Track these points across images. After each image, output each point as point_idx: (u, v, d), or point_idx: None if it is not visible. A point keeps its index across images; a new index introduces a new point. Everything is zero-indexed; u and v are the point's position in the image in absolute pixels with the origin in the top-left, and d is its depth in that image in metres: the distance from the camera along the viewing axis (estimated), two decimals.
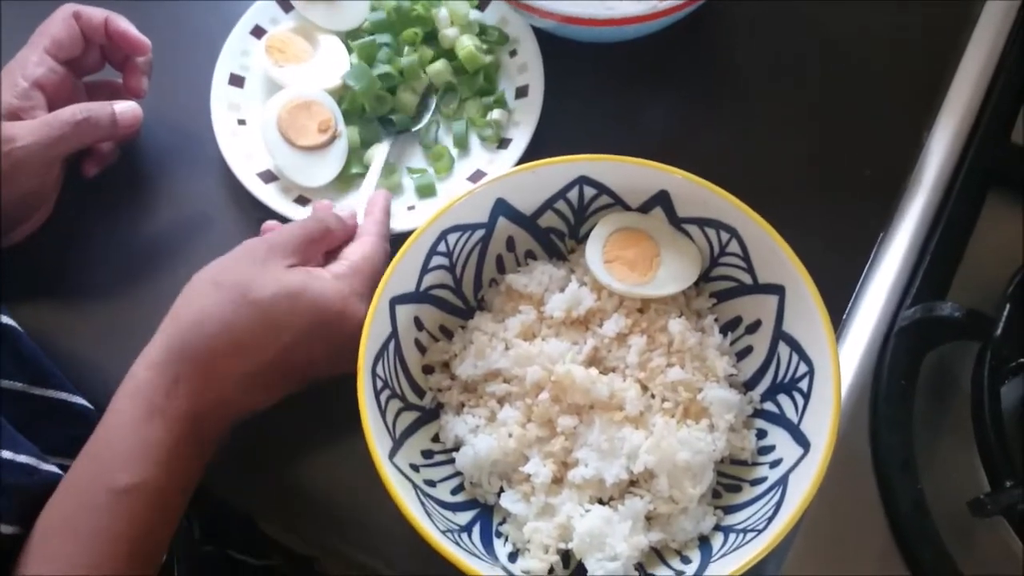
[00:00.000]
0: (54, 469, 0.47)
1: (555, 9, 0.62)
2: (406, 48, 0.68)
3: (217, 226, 0.65)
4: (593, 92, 0.69)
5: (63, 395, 0.52)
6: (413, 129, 0.67)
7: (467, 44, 0.67)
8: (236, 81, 0.68)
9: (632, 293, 0.56)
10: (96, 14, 0.63)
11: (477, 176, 0.65)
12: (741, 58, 0.70)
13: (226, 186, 0.65)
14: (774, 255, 0.53)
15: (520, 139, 0.65)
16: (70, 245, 0.65)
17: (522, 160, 0.64)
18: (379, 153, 0.65)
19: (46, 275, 0.63)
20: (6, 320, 0.50)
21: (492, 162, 0.65)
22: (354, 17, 0.69)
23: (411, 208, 0.64)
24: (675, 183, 0.56)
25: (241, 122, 0.67)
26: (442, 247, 0.56)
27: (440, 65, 0.67)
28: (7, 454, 0.44)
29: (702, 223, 0.56)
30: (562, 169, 0.57)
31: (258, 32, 0.69)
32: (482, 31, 0.68)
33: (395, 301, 0.54)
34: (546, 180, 0.57)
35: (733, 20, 0.71)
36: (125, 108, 0.62)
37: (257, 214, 0.64)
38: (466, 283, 0.59)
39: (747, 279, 0.56)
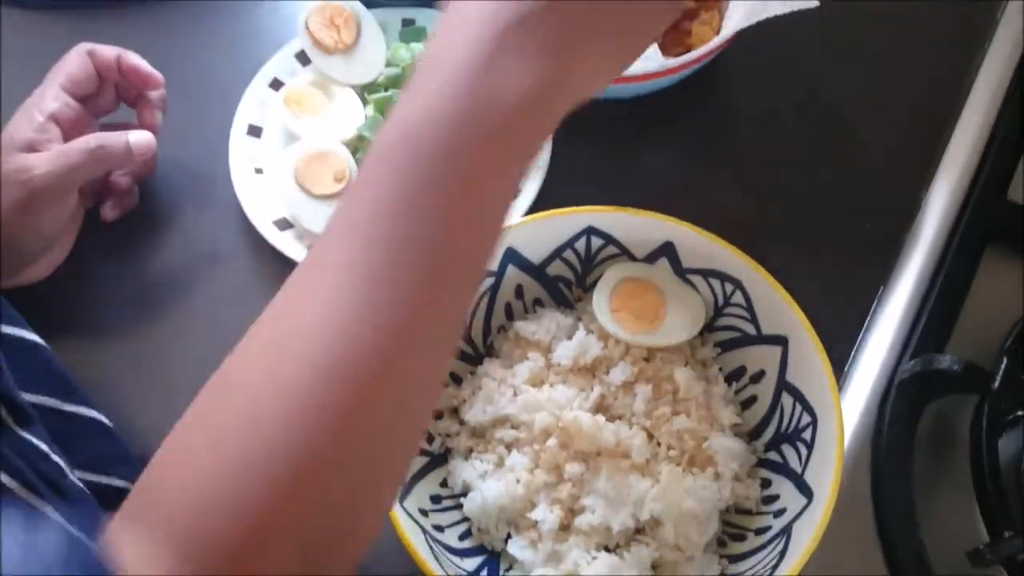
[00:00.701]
0: (80, 485, 0.47)
1: None
2: None
3: (231, 268, 0.67)
4: (601, 145, 0.70)
5: (92, 412, 0.53)
6: None
7: None
8: (254, 131, 0.70)
9: (638, 342, 0.57)
10: (109, 51, 0.66)
11: None
12: (746, 114, 0.72)
13: (241, 231, 0.67)
14: (777, 307, 0.55)
15: (528, 190, 0.67)
16: (89, 282, 0.66)
17: (531, 211, 0.65)
18: None
19: (67, 310, 0.65)
20: (36, 339, 0.51)
21: None
22: (369, 72, 0.71)
23: None
24: (680, 234, 0.57)
25: (258, 171, 0.68)
26: None
27: None
28: (43, 446, 0.44)
29: (707, 274, 0.58)
30: (570, 220, 0.58)
31: (276, 84, 0.71)
32: None
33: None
34: (554, 230, 0.59)
35: (738, 76, 0.73)
36: (139, 137, 0.64)
37: (271, 259, 0.65)
38: (475, 329, 0.60)
39: (751, 330, 0.57)
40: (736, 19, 0.65)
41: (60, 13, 0.79)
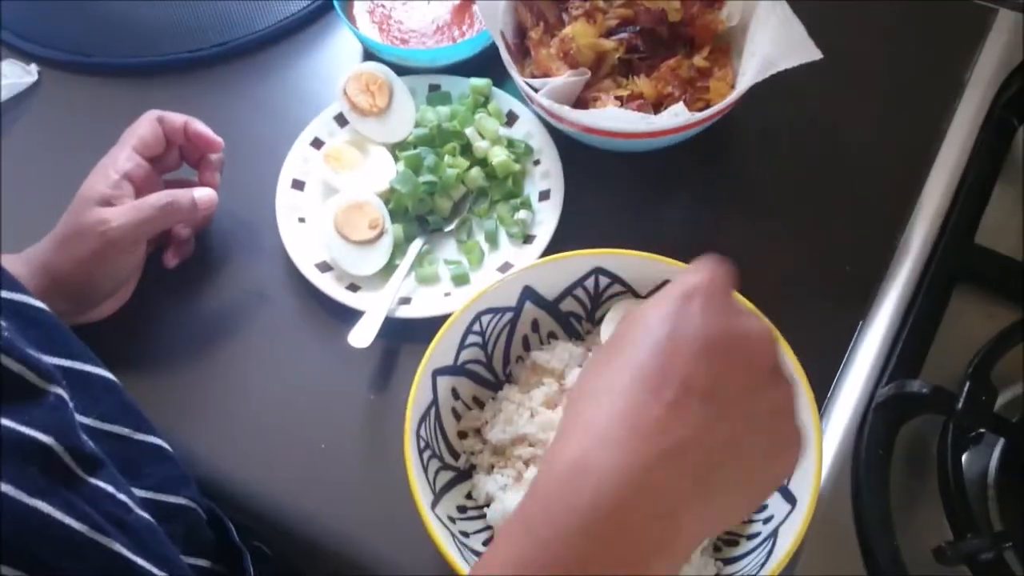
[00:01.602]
0: (145, 515, 0.53)
1: (582, 120, 0.71)
2: (446, 158, 0.78)
3: (277, 307, 0.74)
4: (608, 194, 0.78)
5: (157, 440, 0.60)
6: (446, 229, 0.76)
7: (500, 154, 0.77)
8: (297, 185, 0.78)
9: None
10: (177, 118, 0.74)
11: (505, 267, 0.74)
12: (743, 174, 0.79)
13: (286, 273, 0.75)
14: None
15: (543, 235, 0.74)
16: (150, 320, 0.74)
17: (545, 254, 0.73)
18: (413, 247, 0.74)
19: (129, 345, 0.72)
20: (111, 376, 0.58)
21: (518, 255, 0.74)
22: (401, 131, 0.80)
23: (447, 295, 0.73)
24: (677, 275, 0.64)
25: (301, 220, 0.76)
26: (476, 327, 0.65)
27: (475, 172, 0.77)
28: (110, 488, 0.51)
29: None
30: (580, 261, 0.66)
31: (317, 144, 0.80)
32: (510, 144, 0.79)
33: (436, 373, 0.62)
34: (566, 270, 0.66)
35: (738, 136, 0.80)
36: (204, 194, 0.72)
37: (313, 298, 0.73)
38: (496, 359, 0.67)
39: None
40: (749, 74, 0.71)
41: (124, 79, 0.88)
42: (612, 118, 0.70)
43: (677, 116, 0.69)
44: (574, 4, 0.78)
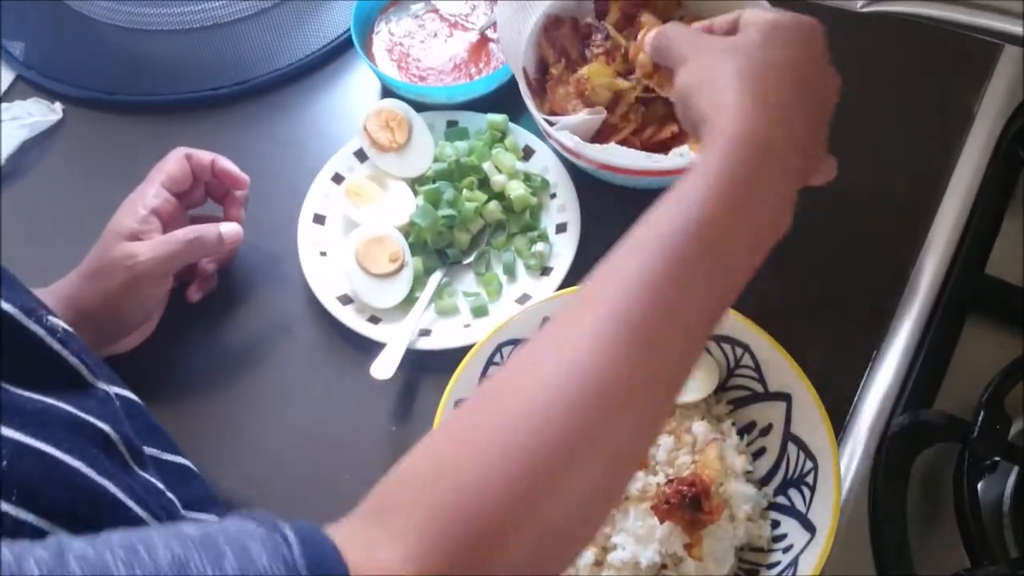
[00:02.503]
0: (193, 514, 0.55)
1: (596, 157, 0.73)
2: (464, 192, 0.79)
3: (299, 338, 0.76)
4: (624, 228, 0.78)
5: (185, 461, 0.61)
6: (465, 261, 0.78)
7: (517, 188, 0.79)
8: (319, 220, 0.80)
9: None
10: (205, 155, 0.76)
11: (523, 299, 0.75)
12: None
13: (308, 305, 0.76)
14: (781, 368, 0.63)
15: (560, 268, 0.76)
16: (171, 354, 0.75)
17: (562, 286, 0.74)
18: (433, 279, 0.76)
19: (150, 379, 0.73)
20: (135, 397, 0.59)
21: (536, 288, 0.76)
22: (420, 166, 0.81)
23: (467, 326, 0.74)
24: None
25: (323, 253, 0.78)
26: (497, 358, 0.66)
27: (493, 206, 0.79)
28: (160, 484, 0.52)
29: (719, 340, 0.66)
30: None
31: (337, 179, 0.81)
32: (527, 178, 0.80)
33: (459, 403, 0.63)
34: None
35: None
36: (229, 228, 0.74)
37: (334, 330, 0.74)
38: None
39: (759, 388, 0.65)
40: None
41: (147, 116, 0.90)
42: (619, 155, 0.71)
43: (682, 157, 0.70)
44: (595, 42, 0.80)
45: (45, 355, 0.49)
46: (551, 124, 0.75)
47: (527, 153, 0.82)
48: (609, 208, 0.79)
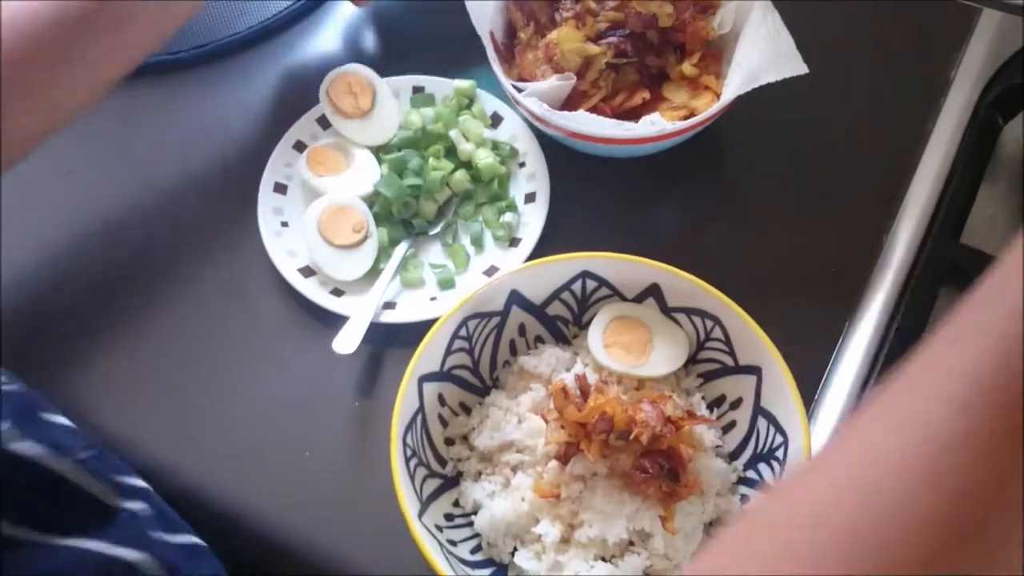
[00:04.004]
0: None
1: (565, 125, 0.71)
2: (430, 160, 0.77)
3: (260, 313, 0.73)
4: (594, 197, 0.78)
5: (193, 538, 0.58)
6: (431, 232, 0.76)
7: (485, 157, 0.77)
8: (280, 188, 0.77)
9: (629, 373, 0.64)
10: None
11: (491, 271, 0.73)
12: (729, 173, 0.80)
13: (269, 278, 0.74)
14: (752, 341, 0.61)
15: (529, 239, 0.74)
16: (124, 328, 0.73)
17: (531, 257, 0.72)
18: (398, 251, 0.74)
19: (103, 352, 0.72)
20: (144, 484, 0.57)
21: (504, 259, 0.74)
22: (385, 134, 0.79)
23: (433, 299, 0.72)
24: (665, 277, 0.64)
25: (284, 224, 0.76)
26: (463, 332, 0.64)
27: (460, 175, 0.77)
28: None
29: (689, 312, 0.65)
30: (567, 265, 0.65)
31: (300, 146, 0.79)
32: (495, 146, 0.78)
33: (423, 379, 0.61)
34: (553, 274, 0.65)
35: (726, 138, 0.80)
36: None
37: (297, 304, 0.72)
38: (483, 364, 0.66)
39: (729, 361, 0.64)
40: (733, 85, 0.71)
41: None
42: (589, 123, 0.69)
43: (653, 125, 0.68)
44: (565, 5, 0.77)
45: (69, 493, 0.49)
46: (519, 91, 0.73)
47: (496, 120, 0.80)
48: (580, 177, 0.78)
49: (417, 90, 0.82)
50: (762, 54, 0.71)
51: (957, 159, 0.76)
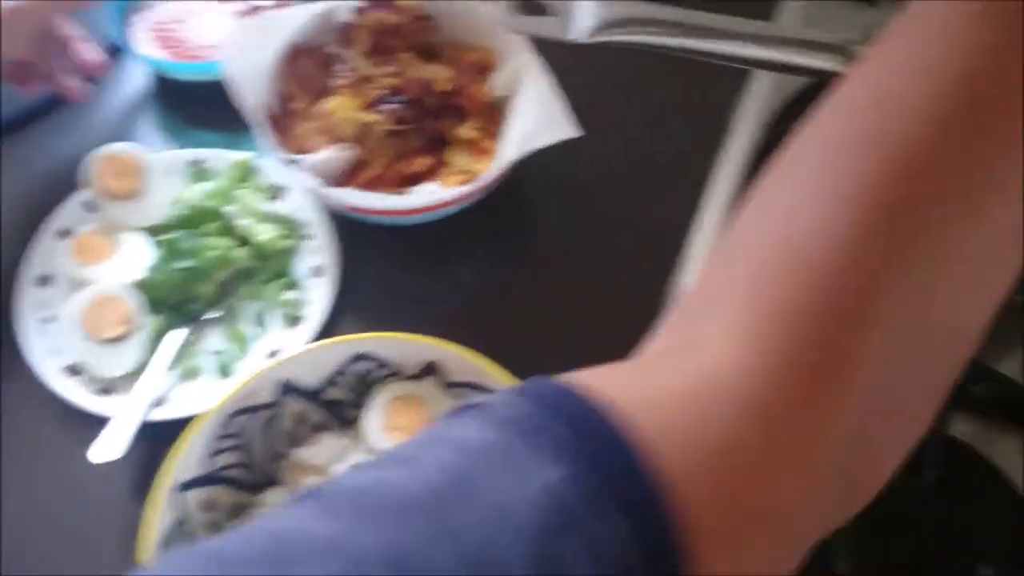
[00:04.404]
0: None
1: (337, 200, 0.69)
2: (206, 239, 0.73)
3: (16, 421, 0.67)
4: (385, 265, 0.75)
5: None
6: (210, 316, 0.72)
7: (265, 232, 0.73)
8: (45, 281, 0.72)
9: None
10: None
11: (274, 354, 0.70)
12: (522, 231, 0.78)
13: (29, 380, 0.68)
14: None
15: (315, 315, 0.71)
16: None
17: (319, 334, 0.69)
18: (174, 339, 0.69)
19: None
20: None
21: (289, 339, 0.70)
22: (157, 213, 0.74)
23: (209, 390, 0.68)
24: (442, 354, 0.62)
25: (48, 319, 0.70)
26: (231, 429, 0.60)
27: (239, 252, 0.73)
28: None
29: (470, 386, 0.63)
30: (339, 349, 0.62)
31: (64, 234, 0.74)
32: (277, 219, 0.75)
33: (185, 486, 0.57)
34: (325, 359, 0.63)
35: (517, 197, 0.78)
36: None
37: (59, 405, 0.67)
38: (259, 460, 0.63)
39: None
40: (509, 150, 0.70)
41: None
42: (362, 198, 0.67)
43: (429, 195, 0.67)
44: (340, 72, 0.75)
45: None
46: (295, 163, 0.70)
47: (278, 191, 0.77)
48: (370, 245, 0.75)
49: (193, 165, 0.78)
50: (535, 118, 0.70)
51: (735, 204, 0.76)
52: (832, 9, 0.82)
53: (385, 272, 0.75)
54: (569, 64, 0.73)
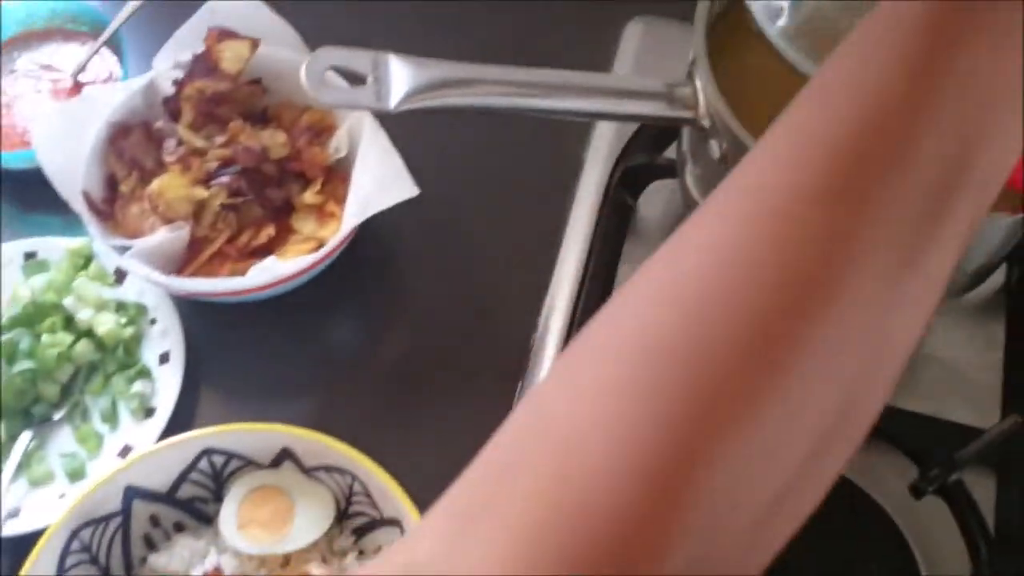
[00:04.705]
0: None
1: (172, 287, 0.66)
2: (44, 337, 0.70)
3: None
4: (237, 344, 0.73)
5: None
6: (57, 417, 0.69)
7: (106, 322, 0.70)
8: None
9: (269, 552, 0.59)
10: None
11: (126, 451, 0.67)
12: (379, 292, 0.76)
13: None
14: (388, 495, 0.59)
15: (165, 406, 0.68)
16: None
17: (169, 424, 0.67)
18: (17, 446, 0.66)
19: None
20: None
21: (141, 433, 0.68)
22: None
23: (62, 496, 0.65)
24: (294, 440, 0.61)
25: None
26: (76, 545, 0.58)
27: (81, 346, 0.70)
28: None
29: (328, 469, 0.61)
30: (183, 447, 0.60)
31: None
32: (119, 307, 0.72)
33: None
34: (172, 459, 0.60)
35: (375, 254, 0.77)
36: None
37: None
38: (114, 567, 0.60)
39: (376, 514, 0.61)
40: (351, 214, 0.68)
41: None
42: (194, 284, 0.65)
43: (266, 272, 0.65)
44: (168, 148, 0.72)
45: None
46: (126, 250, 0.67)
47: (120, 276, 0.74)
48: (217, 326, 0.73)
49: (29, 256, 0.74)
50: (374, 178, 0.69)
51: (593, 245, 0.76)
52: (665, 54, 0.81)
53: (237, 351, 0.72)
54: (410, 118, 0.72)
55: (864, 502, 0.65)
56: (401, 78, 0.59)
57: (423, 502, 0.58)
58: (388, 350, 0.73)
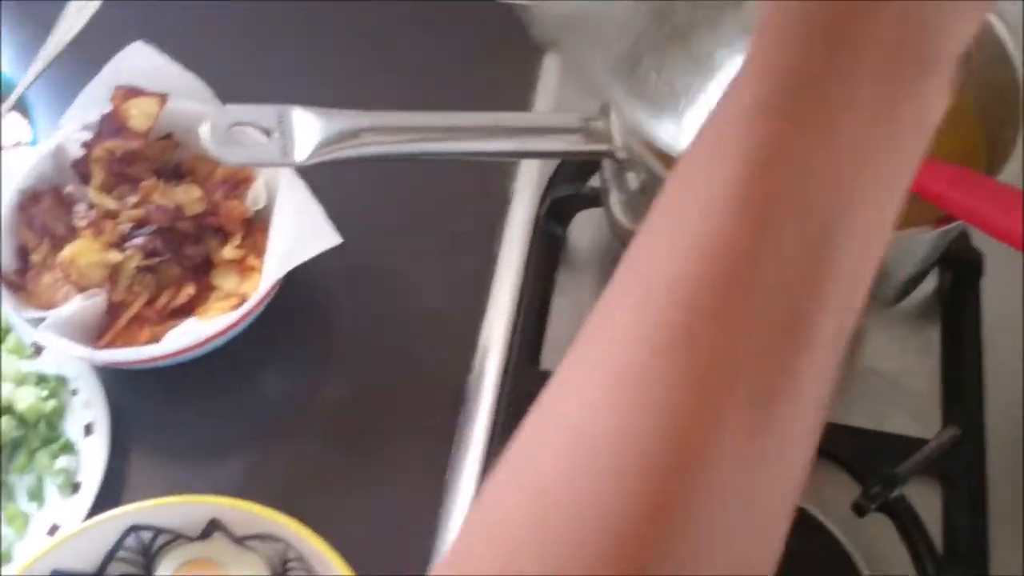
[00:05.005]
0: None
1: (89, 359, 0.64)
2: None
3: None
4: (166, 407, 0.71)
5: None
6: None
7: (27, 397, 0.68)
8: None
9: None
10: None
11: (54, 530, 0.65)
12: (296, 357, 0.75)
13: None
14: (320, 558, 0.57)
15: (92, 480, 0.66)
16: None
17: (96, 500, 0.65)
18: None
19: None
20: None
21: (68, 509, 0.65)
22: None
23: None
24: (222, 510, 0.59)
25: None
26: None
27: (3, 424, 0.67)
28: None
29: (260, 537, 0.59)
30: (110, 524, 0.58)
31: None
32: (39, 380, 0.69)
33: None
34: (98, 537, 0.59)
35: (308, 300, 0.75)
36: None
37: None
38: None
39: None
40: (271, 268, 0.67)
41: None
42: (111, 355, 0.63)
43: (186, 336, 0.63)
44: (79, 213, 0.70)
45: None
46: (40, 322, 0.65)
47: (38, 348, 0.71)
48: (141, 392, 0.71)
49: None
50: (294, 230, 0.67)
51: (527, 278, 0.75)
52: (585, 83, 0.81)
53: (165, 416, 0.70)
54: (329, 165, 0.70)
55: (809, 523, 0.64)
56: (308, 131, 0.58)
57: (358, 562, 0.57)
58: (319, 404, 0.72)
